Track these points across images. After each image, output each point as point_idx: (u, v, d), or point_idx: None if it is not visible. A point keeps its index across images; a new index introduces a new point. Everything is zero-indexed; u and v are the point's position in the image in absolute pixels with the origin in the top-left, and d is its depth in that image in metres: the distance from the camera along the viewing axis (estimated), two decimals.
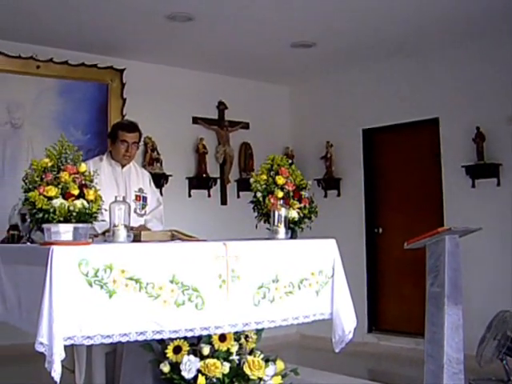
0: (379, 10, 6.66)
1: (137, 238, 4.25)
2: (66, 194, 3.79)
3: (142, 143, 7.86)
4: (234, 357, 4.29)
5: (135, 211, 5.33)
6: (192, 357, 4.14)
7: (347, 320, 4.58)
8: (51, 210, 3.72)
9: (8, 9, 6.56)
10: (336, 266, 4.62)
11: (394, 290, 8.66)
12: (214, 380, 4.12)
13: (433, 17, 6.82)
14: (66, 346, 3.47)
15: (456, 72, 7.99)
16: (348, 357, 5.84)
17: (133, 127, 5.51)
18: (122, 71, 8.32)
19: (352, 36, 7.49)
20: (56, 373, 3.36)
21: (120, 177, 5.43)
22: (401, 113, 8.47)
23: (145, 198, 5.53)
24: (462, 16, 6.78)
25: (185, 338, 4.10)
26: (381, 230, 8.89)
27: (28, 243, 4.56)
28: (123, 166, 5.49)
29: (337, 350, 4.63)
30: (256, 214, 4.81)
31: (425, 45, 7.81)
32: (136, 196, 5.46)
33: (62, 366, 3.43)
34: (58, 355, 3.38)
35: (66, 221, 3.73)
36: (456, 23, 7.01)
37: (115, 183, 5.35)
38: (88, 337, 3.57)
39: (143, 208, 5.51)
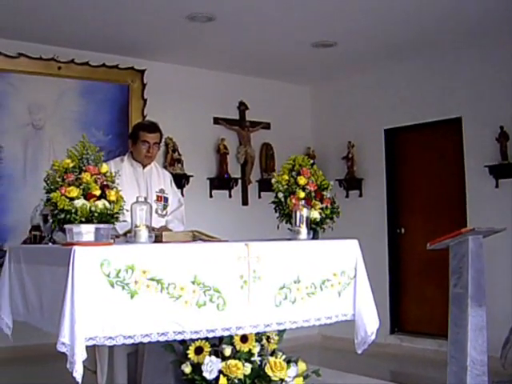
0: (401, 9, 6.62)
1: (158, 239, 4.25)
2: (87, 195, 3.80)
3: (162, 144, 7.92)
4: (256, 358, 4.29)
5: (156, 212, 5.33)
6: (214, 357, 4.13)
7: (369, 321, 4.56)
8: (73, 211, 3.74)
9: (29, 11, 6.58)
10: (358, 266, 4.61)
11: (417, 291, 8.60)
12: (236, 381, 4.11)
13: (456, 16, 6.77)
14: (87, 347, 3.48)
15: (479, 71, 7.93)
16: (370, 358, 5.82)
17: (154, 128, 5.51)
18: (142, 72, 8.33)
19: (373, 35, 7.45)
20: (78, 373, 3.38)
21: (141, 177, 5.43)
22: (423, 112, 8.42)
23: (166, 199, 5.53)
24: (485, 16, 6.72)
25: (206, 339, 4.09)
26: (403, 231, 8.83)
27: (50, 244, 4.57)
28: (144, 167, 5.49)
29: (359, 352, 4.61)
30: (277, 214, 4.80)
31: (448, 44, 7.76)
32: (157, 196, 5.46)
33: (84, 366, 3.44)
34: (80, 355, 3.39)
35: (88, 221, 3.74)
36: (479, 23, 6.96)
37: (136, 184, 5.35)
38: (110, 337, 3.57)
39: (164, 208, 5.50)
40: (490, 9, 6.53)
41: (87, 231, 3.69)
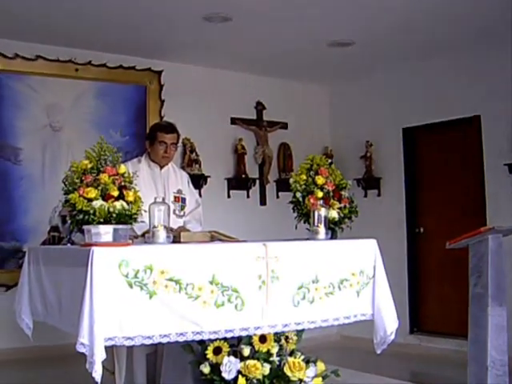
0: (418, 8, 6.59)
1: (176, 239, 4.26)
2: (105, 196, 3.81)
3: (180, 144, 7.93)
4: (275, 358, 4.28)
5: (174, 212, 5.33)
6: (232, 358, 4.13)
7: (389, 321, 4.55)
8: (91, 212, 3.75)
9: (46, 14, 6.61)
10: (377, 266, 4.60)
11: (436, 291, 8.55)
12: (255, 381, 4.11)
13: (474, 15, 6.73)
14: (106, 347, 3.48)
15: (497, 69, 7.87)
16: (389, 358, 5.80)
17: (171, 128, 5.51)
18: (159, 73, 8.34)
19: (391, 34, 7.42)
20: (97, 373, 3.39)
21: (159, 178, 5.44)
22: (441, 111, 8.37)
23: (183, 199, 5.53)
24: (503, 14, 6.67)
25: (225, 339, 4.09)
26: (422, 230, 8.79)
27: (68, 244, 4.60)
28: (162, 168, 5.50)
29: (378, 352, 4.60)
30: (295, 214, 4.79)
31: (465, 42, 7.71)
32: (175, 197, 5.46)
33: (103, 366, 3.44)
34: (99, 356, 3.40)
35: (106, 222, 3.75)
36: (497, 21, 6.91)
37: (154, 184, 5.35)
38: (128, 337, 3.59)
39: (182, 209, 5.51)
40: (508, 7, 6.48)
41: (105, 232, 3.71)
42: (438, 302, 8.49)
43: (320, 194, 4.64)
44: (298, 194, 4.73)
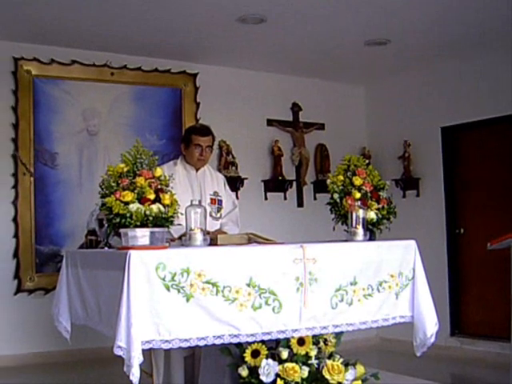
0: (456, 6, 6.52)
1: (213, 242, 4.25)
2: (142, 199, 3.82)
3: (216, 147, 7.95)
4: (313, 361, 4.25)
5: (210, 215, 5.32)
6: (270, 361, 4.11)
7: (429, 323, 4.50)
8: (128, 215, 3.75)
9: (81, 19, 6.65)
10: (416, 267, 4.56)
11: (478, 292, 8.44)
12: None
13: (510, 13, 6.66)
14: (144, 350, 3.48)
15: None
16: (430, 361, 5.75)
17: (206, 131, 5.51)
18: (195, 75, 8.35)
19: (427, 32, 7.35)
20: (135, 376, 3.41)
21: (195, 180, 5.43)
22: (481, 110, 8.26)
23: (220, 201, 5.52)
24: None
25: (263, 342, 4.07)
26: (462, 231, 8.68)
27: (106, 248, 4.61)
28: (197, 170, 5.49)
29: (418, 354, 4.56)
30: (333, 215, 4.76)
31: (505, 39, 7.60)
32: (211, 199, 5.45)
33: (141, 369, 3.44)
34: (137, 359, 3.41)
35: (143, 225, 3.75)
36: None
37: (190, 187, 5.35)
38: (166, 341, 3.60)
39: (218, 211, 5.50)
40: None
41: (142, 235, 3.71)
42: (480, 304, 8.38)
43: (358, 195, 4.61)
44: (336, 196, 4.70)
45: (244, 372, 4.12)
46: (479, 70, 8.32)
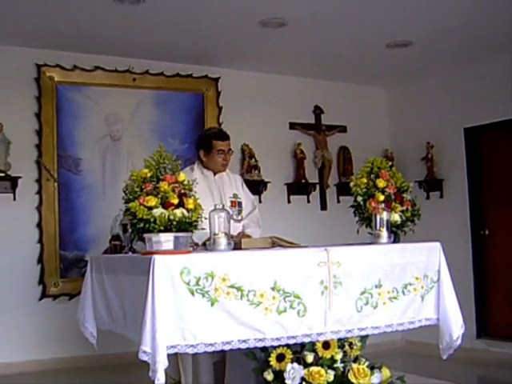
0: (477, 8, 6.48)
1: (237, 246, 4.25)
2: (165, 204, 3.82)
3: (238, 150, 7.98)
4: (339, 364, 4.23)
5: (232, 218, 5.28)
6: (296, 365, 4.10)
7: (455, 326, 4.48)
8: (152, 220, 3.76)
9: (103, 25, 6.68)
10: (441, 269, 4.54)
11: (504, 294, 8.36)
12: None
13: None
14: (169, 355, 3.49)
15: None
16: (456, 364, 5.70)
17: (225, 135, 5.51)
18: (217, 80, 8.36)
19: (450, 34, 7.31)
20: (159, 381, 3.41)
21: (213, 185, 5.39)
22: (504, 110, 8.17)
23: (240, 203, 5.48)
24: None
25: (288, 346, 4.06)
26: (487, 232, 8.62)
27: (130, 253, 4.62)
28: (215, 174, 5.47)
29: (444, 357, 4.54)
30: (357, 218, 4.75)
31: None
32: (231, 202, 5.40)
33: (166, 374, 3.45)
34: (162, 364, 3.41)
35: (167, 230, 3.76)
36: None
37: (209, 192, 5.27)
38: (191, 345, 3.60)
39: (239, 213, 5.45)
40: None
41: (166, 240, 3.72)
42: (506, 306, 8.30)
43: (381, 198, 4.59)
44: (359, 198, 4.68)
45: (269, 376, 4.11)
46: (501, 71, 8.26)
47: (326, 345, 4.18)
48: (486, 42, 7.63)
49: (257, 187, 8.18)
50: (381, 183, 4.64)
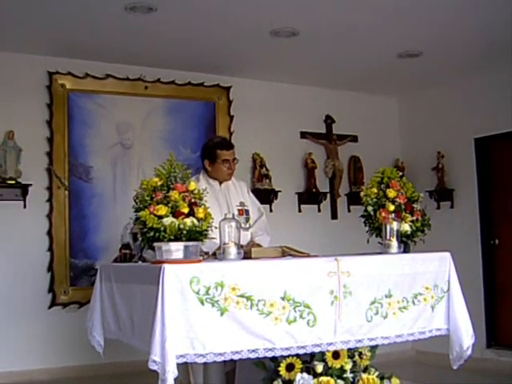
0: (487, 18, 6.48)
1: (247, 255, 4.24)
2: (176, 213, 3.82)
3: (249, 159, 7.98)
4: (348, 374, 4.22)
5: (240, 226, 5.28)
6: (305, 374, 4.09)
7: (465, 335, 4.47)
8: (162, 229, 3.76)
9: (115, 33, 6.71)
10: (451, 279, 4.53)
11: None
12: None
13: None
14: (179, 365, 3.49)
15: None
16: (466, 374, 5.67)
17: (230, 144, 5.53)
18: (228, 89, 8.37)
19: (460, 44, 7.30)
20: None
21: (220, 194, 5.38)
22: None
23: (247, 211, 5.47)
24: None
25: (297, 356, 4.05)
26: (497, 241, 8.60)
27: (140, 262, 4.62)
28: (221, 183, 5.47)
29: (454, 367, 4.52)
30: (367, 228, 4.74)
31: None
32: (238, 210, 5.39)
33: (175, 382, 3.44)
34: (171, 373, 3.41)
35: (177, 239, 3.76)
36: None
37: (216, 201, 5.24)
38: (200, 355, 3.59)
39: (247, 221, 5.45)
40: None
41: (176, 249, 3.72)
42: None
43: (391, 208, 4.58)
44: (370, 208, 4.68)
45: None
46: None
47: (336, 354, 4.17)
48: (496, 53, 7.63)
49: (267, 196, 8.19)
50: (391, 193, 4.64)
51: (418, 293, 4.37)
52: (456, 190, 8.98)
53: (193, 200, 3.92)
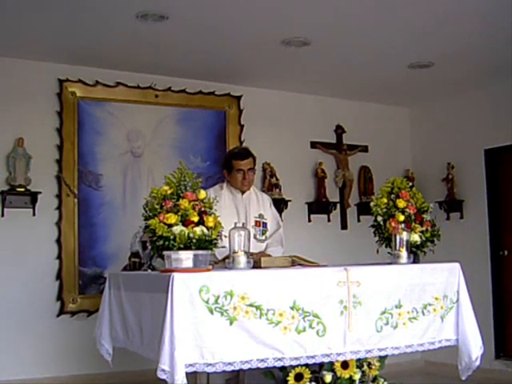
0: (497, 30, 6.47)
1: (257, 265, 4.24)
2: (185, 221, 3.82)
3: (260, 169, 7.97)
4: None
5: (255, 237, 5.30)
6: None
7: (474, 346, 4.47)
8: (171, 237, 3.76)
9: (125, 42, 6.72)
10: (461, 290, 4.54)
11: None
12: None
13: None
14: (187, 373, 3.48)
15: None
16: None
17: (245, 154, 5.52)
18: (239, 98, 8.37)
19: (470, 55, 7.29)
20: None
21: (240, 204, 5.43)
22: None
23: (265, 224, 5.50)
24: None
25: (306, 365, 4.05)
26: (506, 253, 8.57)
27: (149, 270, 4.62)
28: (243, 193, 5.50)
29: (463, 378, 4.52)
30: (377, 238, 4.74)
31: None
32: (256, 222, 5.43)
33: None
34: (180, 382, 3.40)
35: (186, 248, 3.76)
36: None
37: (235, 210, 5.34)
38: (209, 364, 3.59)
39: (263, 234, 5.48)
40: None
41: (186, 257, 3.72)
42: None
43: (401, 218, 4.58)
44: (379, 218, 4.68)
45: None
46: None
47: (345, 364, 4.17)
48: (507, 64, 7.61)
49: (277, 206, 8.15)
50: (401, 203, 4.64)
51: (427, 303, 4.37)
52: (466, 200, 8.96)
53: (203, 209, 3.92)
